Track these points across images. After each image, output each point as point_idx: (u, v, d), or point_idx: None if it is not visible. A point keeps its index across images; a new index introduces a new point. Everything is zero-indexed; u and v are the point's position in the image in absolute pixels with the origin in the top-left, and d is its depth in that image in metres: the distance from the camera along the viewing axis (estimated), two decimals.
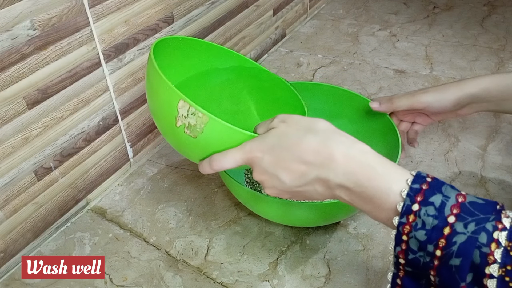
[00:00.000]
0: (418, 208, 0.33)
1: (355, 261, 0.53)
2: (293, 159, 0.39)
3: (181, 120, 0.42)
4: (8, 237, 0.52)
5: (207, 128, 0.41)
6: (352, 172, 0.37)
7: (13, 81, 0.47)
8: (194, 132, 0.42)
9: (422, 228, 0.33)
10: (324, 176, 0.38)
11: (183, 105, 0.41)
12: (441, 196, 0.33)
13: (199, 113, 0.41)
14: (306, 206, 0.51)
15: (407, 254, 0.34)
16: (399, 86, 0.83)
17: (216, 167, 0.43)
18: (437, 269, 0.33)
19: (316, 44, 0.99)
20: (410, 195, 0.34)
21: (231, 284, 0.51)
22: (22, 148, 0.50)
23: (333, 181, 0.38)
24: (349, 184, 0.37)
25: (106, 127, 0.61)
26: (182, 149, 0.47)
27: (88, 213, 0.61)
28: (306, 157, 0.38)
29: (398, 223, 0.34)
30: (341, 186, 0.38)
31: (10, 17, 0.45)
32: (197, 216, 0.59)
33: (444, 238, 0.32)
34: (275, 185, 0.41)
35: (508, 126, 0.71)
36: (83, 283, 0.51)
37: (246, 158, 0.42)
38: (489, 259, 0.30)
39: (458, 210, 0.33)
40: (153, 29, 0.63)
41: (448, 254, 0.32)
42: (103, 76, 0.58)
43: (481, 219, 0.32)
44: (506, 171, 0.63)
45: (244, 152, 0.42)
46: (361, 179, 0.37)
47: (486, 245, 0.31)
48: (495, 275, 0.30)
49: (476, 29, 1.00)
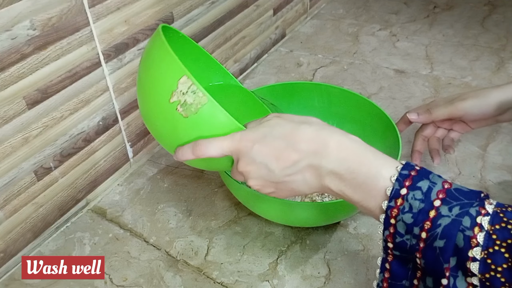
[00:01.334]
0: (406, 192, 0.34)
1: (355, 261, 0.53)
2: (286, 148, 0.39)
3: (177, 95, 0.41)
4: (8, 237, 0.52)
5: (203, 110, 0.41)
6: (344, 158, 0.38)
7: (13, 81, 0.47)
8: (187, 111, 0.41)
9: (409, 212, 0.34)
10: (316, 163, 0.38)
11: (185, 81, 0.41)
12: (428, 182, 0.35)
13: (200, 92, 0.40)
14: (306, 206, 0.51)
15: (395, 237, 0.35)
16: (399, 86, 0.83)
17: (199, 153, 0.42)
18: (423, 251, 0.34)
19: (316, 44, 0.99)
20: (399, 180, 0.35)
21: (231, 284, 0.51)
22: (22, 148, 0.50)
23: (325, 167, 0.38)
24: (340, 170, 0.38)
25: (106, 127, 0.61)
26: (164, 129, 0.45)
27: (88, 213, 0.61)
28: (299, 145, 0.39)
29: (386, 206, 0.35)
30: (333, 173, 0.38)
31: (10, 17, 0.45)
32: (197, 216, 0.59)
33: (430, 220, 0.33)
34: (262, 175, 0.41)
35: (508, 126, 0.71)
36: (83, 283, 0.51)
37: (234, 148, 0.41)
38: (472, 242, 0.31)
39: (444, 195, 0.34)
40: (153, 29, 0.63)
41: (433, 236, 0.33)
42: (103, 76, 0.57)
43: (465, 203, 0.33)
44: (507, 171, 0.63)
45: (233, 141, 0.41)
46: (352, 165, 0.37)
47: (470, 228, 0.32)
48: (478, 258, 0.31)
49: (477, 29, 1.00)
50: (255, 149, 0.40)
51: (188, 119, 0.42)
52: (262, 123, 0.42)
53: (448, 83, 0.83)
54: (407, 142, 0.68)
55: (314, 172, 0.39)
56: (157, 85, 0.44)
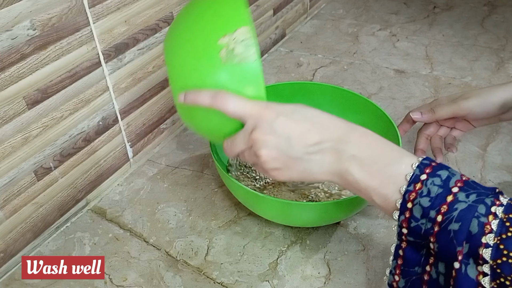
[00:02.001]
0: (425, 178, 0.35)
1: (355, 261, 0.53)
2: (312, 127, 0.40)
3: (229, 40, 0.40)
4: (8, 237, 0.52)
5: (244, 66, 0.41)
6: (368, 145, 0.39)
7: (13, 81, 0.47)
8: (228, 59, 0.40)
9: (427, 196, 0.35)
10: (340, 147, 0.39)
11: (245, 32, 0.40)
12: (448, 172, 0.36)
13: (252, 49, 0.40)
14: (306, 206, 0.51)
15: (410, 222, 0.36)
16: (399, 86, 0.83)
17: (218, 103, 0.41)
18: (437, 235, 0.34)
19: (316, 44, 0.99)
20: (420, 167, 0.36)
21: (231, 284, 0.51)
22: (22, 148, 0.50)
23: (348, 152, 0.39)
24: (363, 156, 0.38)
25: (106, 127, 0.61)
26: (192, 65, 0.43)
27: (88, 213, 0.61)
28: (326, 128, 0.40)
29: (405, 190, 0.36)
30: (354, 158, 0.38)
31: (10, 17, 0.45)
32: (197, 216, 0.59)
33: (447, 204, 0.34)
34: (280, 146, 0.40)
35: (508, 126, 0.71)
36: (83, 283, 0.51)
37: (256, 112, 0.41)
38: (486, 228, 0.32)
39: (462, 184, 0.35)
40: (153, 29, 0.63)
41: (449, 219, 0.33)
42: (103, 76, 0.57)
43: (481, 193, 0.34)
44: (506, 171, 0.63)
45: (258, 106, 0.41)
46: (375, 152, 0.38)
47: (484, 215, 0.33)
48: (491, 244, 0.31)
49: (476, 29, 1.00)
50: (279, 121, 0.40)
51: (223, 66, 0.41)
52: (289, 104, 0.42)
53: (448, 83, 0.83)
54: (407, 142, 0.68)
55: (335, 156, 0.39)
56: (214, 20, 0.42)
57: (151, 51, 0.64)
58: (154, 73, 0.66)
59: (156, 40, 0.64)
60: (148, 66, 0.64)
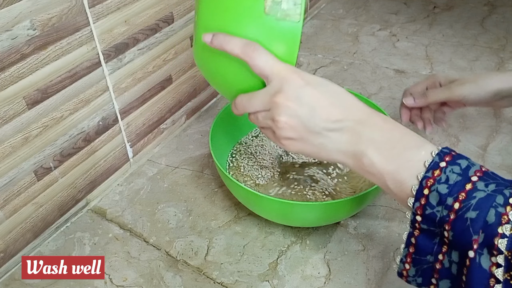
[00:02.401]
0: (445, 165, 0.35)
1: (355, 261, 0.53)
2: (337, 104, 0.39)
3: None
4: (8, 237, 0.52)
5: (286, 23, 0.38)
6: (388, 129, 0.38)
7: (13, 81, 0.47)
8: (272, 11, 0.38)
9: (445, 182, 0.34)
10: (360, 129, 0.38)
11: None
12: (467, 162, 0.35)
13: (298, 9, 0.38)
14: (306, 206, 0.51)
15: (425, 209, 0.35)
16: (399, 86, 0.83)
17: (249, 53, 0.39)
18: (452, 223, 0.33)
19: (316, 44, 0.99)
20: (440, 155, 0.36)
21: (231, 284, 0.51)
22: (22, 148, 0.50)
23: (367, 135, 0.38)
24: (382, 139, 0.38)
25: (106, 127, 0.61)
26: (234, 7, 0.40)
27: (88, 213, 0.61)
28: (350, 108, 0.39)
29: (422, 177, 0.35)
30: (372, 141, 0.38)
31: (10, 17, 0.45)
32: (197, 216, 0.59)
33: (465, 192, 0.33)
34: (301, 116, 0.38)
35: (508, 126, 0.71)
36: (83, 283, 0.51)
37: (284, 74, 0.39)
38: (503, 218, 0.31)
39: (481, 174, 0.34)
40: (153, 29, 0.63)
41: (466, 207, 0.33)
42: (103, 76, 0.57)
43: (500, 183, 0.34)
44: (506, 171, 0.63)
45: (287, 68, 0.39)
46: (394, 136, 0.38)
47: (502, 205, 0.32)
48: (507, 234, 0.31)
49: (476, 29, 1.00)
50: (307, 89, 0.38)
51: (265, 17, 0.38)
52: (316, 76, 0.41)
53: None
54: None
55: (354, 136, 0.39)
56: None
57: (151, 51, 0.64)
58: (154, 73, 0.66)
59: (156, 40, 0.64)
60: (148, 66, 0.64)
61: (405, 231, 0.38)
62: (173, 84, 0.70)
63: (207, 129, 0.75)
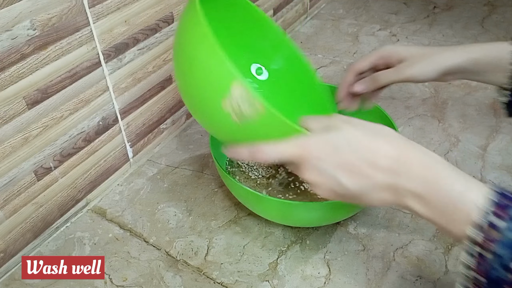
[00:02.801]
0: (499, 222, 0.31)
1: (355, 261, 0.53)
2: (362, 163, 0.37)
3: (229, 102, 0.37)
4: (8, 237, 0.52)
5: (260, 119, 0.38)
6: (426, 178, 0.35)
7: (13, 81, 0.47)
8: (243, 119, 0.38)
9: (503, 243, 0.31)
10: (395, 182, 0.36)
11: (239, 88, 0.37)
12: None
13: (257, 100, 0.37)
14: (306, 206, 0.51)
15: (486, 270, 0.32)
16: (399, 86, 0.83)
17: (258, 158, 0.40)
18: None
19: (316, 44, 0.99)
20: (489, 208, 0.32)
21: (231, 284, 0.51)
22: (22, 148, 0.50)
23: (404, 187, 0.36)
24: (421, 191, 0.35)
25: (106, 127, 0.61)
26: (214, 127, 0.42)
27: (88, 213, 0.61)
28: (378, 161, 0.36)
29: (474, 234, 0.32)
30: (412, 194, 0.35)
31: (10, 17, 0.45)
32: (197, 216, 0.59)
33: None
34: (332, 188, 0.38)
35: (508, 126, 0.71)
36: (83, 283, 0.51)
37: (297, 155, 0.39)
38: None
39: None
40: (153, 29, 0.63)
41: None
42: (103, 76, 0.57)
43: None
44: (506, 171, 0.63)
45: (297, 147, 0.38)
46: (434, 186, 0.35)
47: None
48: None
49: (476, 29, 1.00)
50: (323, 161, 0.38)
51: (243, 126, 0.39)
52: (330, 130, 0.39)
53: (448, 83, 0.83)
54: None
55: (392, 191, 0.36)
56: (205, 85, 0.39)
57: (151, 51, 0.64)
58: (154, 73, 0.66)
59: (156, 40, 0.64)
60: (148, 66, 0.64)
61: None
62: (173, 84, 0.70)
63: None
